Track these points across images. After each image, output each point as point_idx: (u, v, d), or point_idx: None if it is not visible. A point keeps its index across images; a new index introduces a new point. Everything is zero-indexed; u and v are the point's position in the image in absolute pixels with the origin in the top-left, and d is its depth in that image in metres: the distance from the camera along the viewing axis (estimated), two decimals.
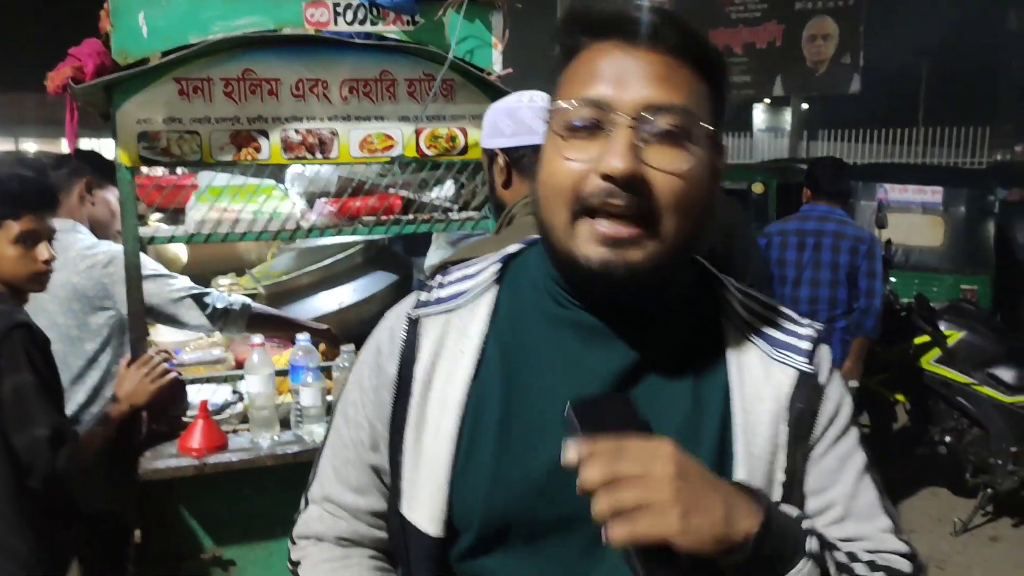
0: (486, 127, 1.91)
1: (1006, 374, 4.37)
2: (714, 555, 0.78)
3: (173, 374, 2.38)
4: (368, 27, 2.43)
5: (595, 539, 0.81)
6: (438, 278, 1.05)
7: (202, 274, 3.60)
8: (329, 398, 2.45)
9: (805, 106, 15.98)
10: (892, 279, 6.43)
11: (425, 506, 0.97)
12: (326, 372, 2.53)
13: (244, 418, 2.53)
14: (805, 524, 0.86)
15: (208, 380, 2.76)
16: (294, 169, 2.72)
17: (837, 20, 13.58)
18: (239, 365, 2.94)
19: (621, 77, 0.88)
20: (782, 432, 0.95)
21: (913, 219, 6.84)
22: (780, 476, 0.94)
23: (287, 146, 2.42)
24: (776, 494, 0.93)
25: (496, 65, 2.55)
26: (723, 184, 1.01)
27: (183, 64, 2.30)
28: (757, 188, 8.04)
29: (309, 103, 2.43)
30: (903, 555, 0.97)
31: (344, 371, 2.38)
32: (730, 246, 2.79)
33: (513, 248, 1.06)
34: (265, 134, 2.40)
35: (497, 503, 0.93)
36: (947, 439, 4.51)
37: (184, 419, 2.46)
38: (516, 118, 1.84)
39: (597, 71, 0.90)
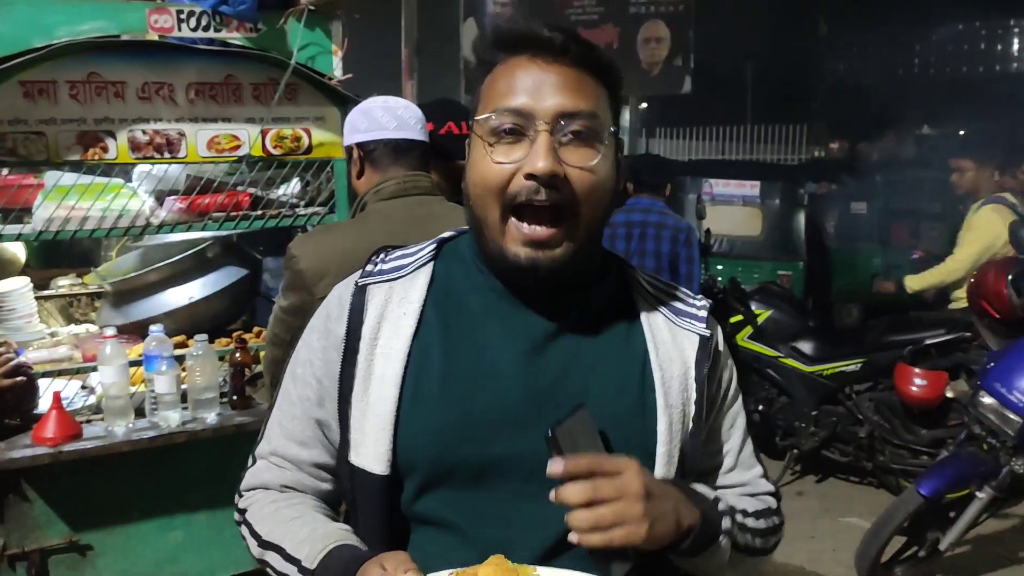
0: (346, 127, 2.14)
1: (806, 347, 4.90)
2: (662, 548, 1.00)
3: (23, 369, 2.43)
4: (212, 33, 2.57)
5: (528, 477, 1.03)
6: (380, 255, 1.19)
7: (42, 277, 3.60)
8: (184, 386, 2.57)
9: (644, 105, 16.73)
10: (719, 266, 7.00)
11: (372, 447, 1.07)
12: (179, 360, 2.64)
13: (97, 410, 2.61)
14: (720, 506, 1.10)
15: (60, 374, 2.81)
16: (142, 168, 2.81)
17: (669, 24, 14.32)
18: (88, 362, 2.99)
19: (537, 88, 1.03)
20: (691, 387, 1.13)
21: (735, 211, 7.44)
22: (690, 425, 1.12)
23: (134, 146, 2.53)
24: (688, 443, 1.12)
25: (337, 70, 2.74)
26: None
27: (27, 67, 2.37)
28: None
29: (155, 105, 2.54)
30: (770, 494, 1.26)
31: (197, 359, 2.51)
32: None
33: (447, 234, 1.21)
34: (112, 135, 2.50)
35: (441, 444, 1.06)
36: (759, 407, 5.01)
37: (36, 413, 2.52)
38: (370, 116, 2.07)
39: (514, 83, 1.04)
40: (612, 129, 1.07)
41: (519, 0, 12.30)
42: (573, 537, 0.94)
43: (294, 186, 2.88)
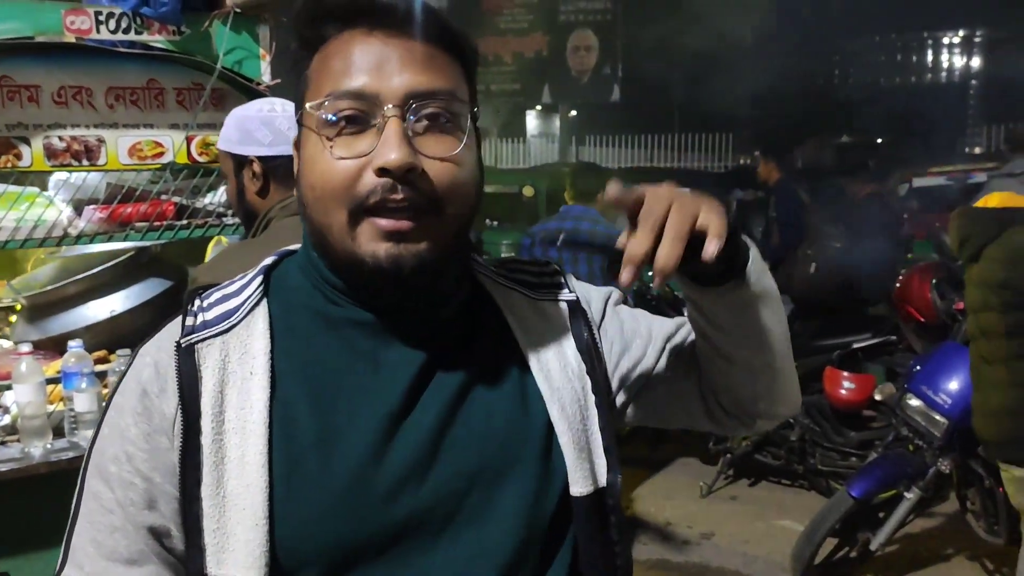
0: (235, 133, 1.90)
1: None
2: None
3: None
4: (132, 36, 2.47)
5: (441, 530, 0.88)
6: (196, 303, 0.94)
7: None
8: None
9: (574, 113, 16.89)
10: (649, 272, 7.04)
11: (241, 551, 0.84)
12: (101, 377, 2.53)
13: (12, 431, 2.48)
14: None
15: None
16: (59, 176, 2.69)
17: (597, 33, 14.49)
18: (2, 380, 2.85)
19: (380, 65, 0.85)
20: (574, 360, 0.99)
21: None
22: (591, 397, 0.98)
23: (50, 153, 2.42)
24: (592, 415, 0.98)
25: (265, 75, 2.67)
26: (500, 186, 1.10)
27: None
28: (528, 192, 8.52)
29: (73, 110, 2.44)
30: None
31: (120, 375, 2.40)
32: None
33: (268, 261, 1.00)
34: (26, 141, 2.39)
35: (338, 525, 0.86)
36: None
37: None
38: (273, 127, 1.89)
39: (352, 62, 0.86)
40: (475, 110, 0.91)
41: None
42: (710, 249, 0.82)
43: (221, 195, 2.79)
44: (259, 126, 1.89)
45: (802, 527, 3.76)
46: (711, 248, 0.83)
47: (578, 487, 0.94)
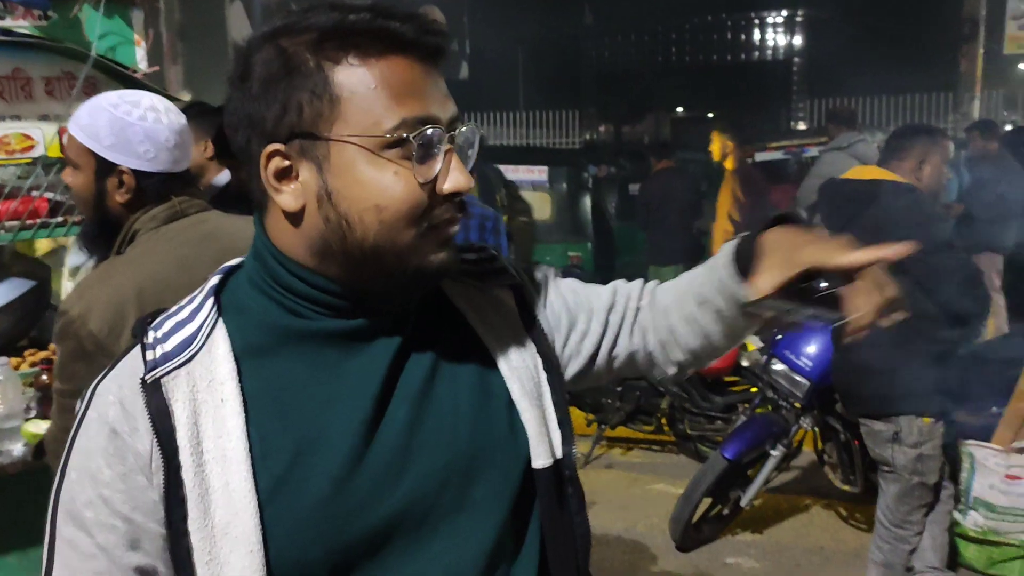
0: (108, 135, 1.70)
1: None
2: None
3: None
4: None
5: (423, 521, 0.92)
6: (151, 334, 0.93)
7: None
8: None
9: None
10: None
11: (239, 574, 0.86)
12: None
13: None
14: None
15: None
16: None
17: (443, 9, 14.45)
18: None
19: (433, 94, 0.90)
20: (525, 340, 1.05)
21: (526, 196, 7.67)
22: (543, 375, 1.04)
23: None
24: (546, 391, 1.03)
25: (141, 63, 2.54)
26: None
27: None
28: None
29: None
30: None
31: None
32: None
33: (213, 281, 0.97)
34: None
35: (331, 534, 0.89)
36: None
37: None
38: (157, 142, 1.72)
39: (416, 88, 0.89)
40: None
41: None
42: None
43: None
44: (142, 138, 1.70)
45: (675, 490, 3.98)
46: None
47: (540, 460, 0.99)
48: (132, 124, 1.70)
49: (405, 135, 0.87)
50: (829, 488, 4.22)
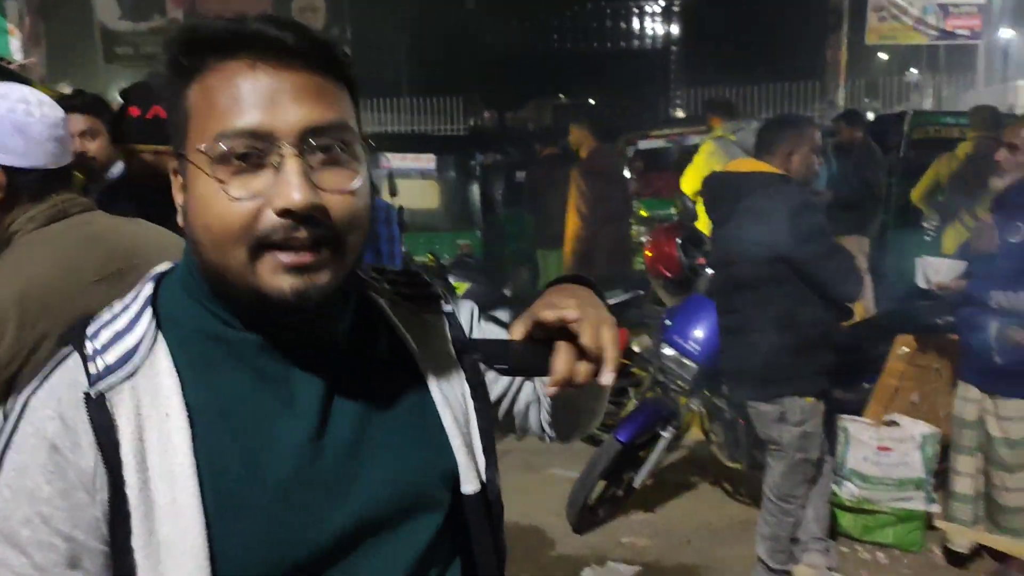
0: None
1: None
2: None
3: None
4: None
5: (370, 539, 0.93)
6: (89, 345, 0.89)
7: None
8: None
9: None
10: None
11: None
12: None
13: None
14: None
15: None
16: None
17: None
18: None
19: (272, 100, 0.83)
20: (455, 367, 1.05)
21: (415, 184, 7.64)
22: (471, 403, 1.05)
23: None
24: (472, 419, 1.05)
25: (17, 54, 2.42)
26: None
27: None
28: None
29: None
30: None
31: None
32: None
33: (148, 291, 0.93)
34: None
35: (282, 550, 0.88)
36: None
37: None
38: (28, 136, 1.63)
39: (241, 97, 0.83)
40: (363, 138, 0.91)
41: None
42: (606, 379, 0.91)
43: None
44: (11, 132, 1.61)
45: (568, 473, 4.05)
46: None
47: (468, 486, 1.02)
48: (0, 117, 1.61)
49: (225, 148, 0.83)
50: (716, 466, 4.40)
